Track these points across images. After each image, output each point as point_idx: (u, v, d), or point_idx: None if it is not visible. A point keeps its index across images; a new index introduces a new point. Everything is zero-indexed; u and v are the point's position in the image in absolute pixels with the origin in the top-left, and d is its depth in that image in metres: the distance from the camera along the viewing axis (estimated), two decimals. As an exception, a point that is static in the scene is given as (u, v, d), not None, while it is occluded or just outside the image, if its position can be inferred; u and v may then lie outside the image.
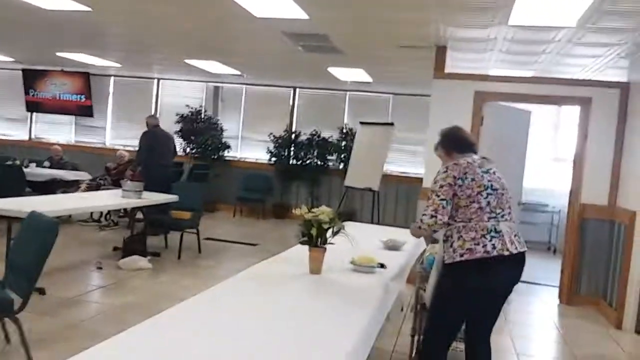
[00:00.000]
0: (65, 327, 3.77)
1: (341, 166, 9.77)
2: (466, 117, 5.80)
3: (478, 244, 2.53)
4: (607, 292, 5.43)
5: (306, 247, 2.85)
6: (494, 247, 2.53)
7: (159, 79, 11.11)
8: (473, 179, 2.60)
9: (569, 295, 5.70)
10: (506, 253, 2.55)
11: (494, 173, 2.70)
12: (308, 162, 10.04)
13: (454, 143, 2.83)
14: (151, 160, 7.19)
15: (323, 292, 2.60)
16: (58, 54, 8.83)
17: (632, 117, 5.33)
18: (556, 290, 5.91)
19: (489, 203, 2.60)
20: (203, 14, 5.35)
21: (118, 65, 9.76)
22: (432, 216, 2.57)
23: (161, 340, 1.77)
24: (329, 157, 10.05)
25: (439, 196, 2.59)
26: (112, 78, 11.26)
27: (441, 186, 2.60)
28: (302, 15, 4.90)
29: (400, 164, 10.10)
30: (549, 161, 9.37)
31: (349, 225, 4.38)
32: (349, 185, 8.51)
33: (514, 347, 4.27)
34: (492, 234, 2.56)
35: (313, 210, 2.84)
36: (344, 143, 9.84)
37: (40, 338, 3.45)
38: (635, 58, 5.40)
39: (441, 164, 2.82)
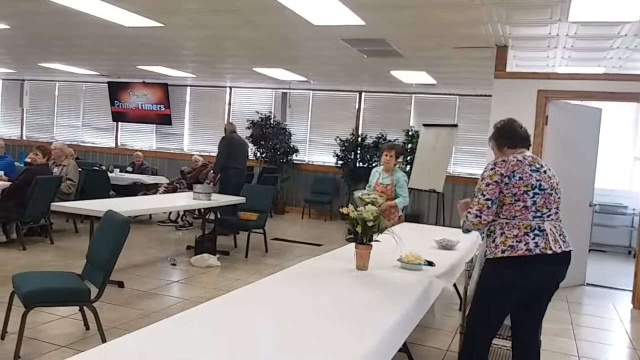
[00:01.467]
0: (140, 316, 4.14)
1: (407, 168, 9.78)
2: (529, 117, 5.67)
3: (520, 242, 2.55)
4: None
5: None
6: (536, 245, 2.54)
7: (230, 87, 11.63)
8: (521, 178, 2.59)
9: (643, 300, 5.43)
10: (549, 252, 2.55)
11: (544, 172, 2.66)
12: (374, 164, 10.12)
13: (506, 137, 2.79)
14: (228, 165, 7.62)
15: (364, 286, 2.73)
16: (138, 66, 9.51)
17: None
18: (631, 295, 5.65)
19: (534, 202, 2.59)
20: (265, 24, 5.62)
21: (193, 75, 10.34)
22: (476, 216, 2.62)
23: (203, 326, 1.96)
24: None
25: (484, 195, 2.61)
26: (188, 88, 11.92)
27: (487, 184, 2.62)
28: (358, 21, 5.04)
29: (466, 165, 9.96)
30: (628, 160, 8.89)
31: (408, 227, 4.48)
32: (413, 187, 8.51)
33: (577, 350, 4.17)
34: (536, 232, 2.56)
35: (358, 209, 2.98)
36: (409, 145, 9.84)
37: (115, 326, 3.81)
38: None
39: (494, 157, 2.81)
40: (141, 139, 12.54)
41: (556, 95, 5.68)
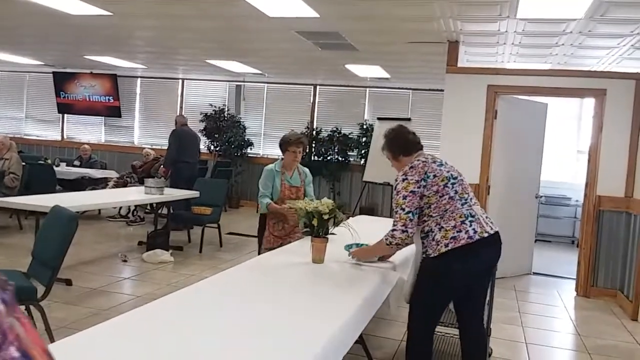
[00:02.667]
0: (89, 315, 4.01)
1: (362, 162, 9.88)
2: (479, 111, 5.84)
3: (460, 231, 2.61)
4: (624, 283, 5.40)
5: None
6: (475, 232, 2.62)
7: (183, 79, 11.40)
8: (435, 175, 2.68)
9: (586, 287, 5.69)
10: (486, 235, 2.64)
11: (446, 164, 2.80)
12: (329, 158, 10.17)
13: (399, 145, 2.86)
14: (179, 158, 7.46)
15: (320, 280, 2.73)
16: (86, 56, 9.17)
17: (648, 108, 5.28)
18: (574, 283, 5.90)
19: (456, 191, 2.69)
20: (219, 15, 5.52)
21: (144, 66, 10.07)
22: (403, 231, 2.67)
23: (157, 322, 1.92)
24: (349, 153, 10.16)
25: (404, 210, 2.66)
26: (138, 79, 11.60)
27: (404, 197, 2.66)
28: (312, 13, 5.03)
29: (420, 159, 10.13)
30: (572, 154, 9.27)
31: (363, 219, 4.50)
32: (368, 180, 8.62)
33: (525, 337, 4.32)
34: (470, 218, 2.65)
35: (314, 201, 2.98)
36: (364, 139, 9.93)
37: (64, 325, 3.68)
38: (651, 48, 5.35)
39: (391, 165, 2.91)
40: (89, 131, 12.13)
41: (505, 90, 5.85)
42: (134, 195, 6.16)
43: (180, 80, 11.43)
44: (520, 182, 6.33)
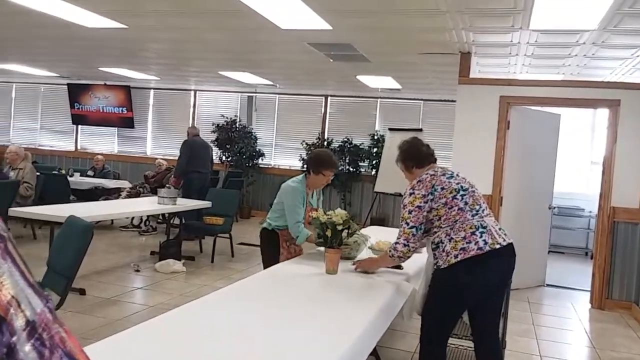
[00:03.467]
0: (102, 325, 4.03)
1: (373, 172, 9.87)
2: (492, 122, 5.82)
3: (470, 242, 2.60)
4: (639, 296, 5.33)
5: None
6: (485, 243, 2.60)
7: (195, 91, 11.50)
8: (442, 188, 2.68)
9: (601, 299, 5.62)
10: (497, 246, 2.61)
11: (457, 176, 2.79)
12: (340, 168, 10.17)
13: (412, 157, 2.88)
14: (190, 168, 7.51)
15: (334, 291, 2.72)
16: (100, 68, 9.29)
17: (663, 119, 5.24)
18: (589, 295, 5.83)
19: (466, 202, 2.68)
20: (232, 27, 5.58)
21: (157, 78, 10.17)
22: (405, 245, 2.70)
23: (171, 332, 1.93)
24: (360, 164, 10.17)
25: (408, 224, 2.68)
26: (151, 91, 11.71)
27: (410, 212, 2.68)
28: (325, 25, 5.06)
29: (431, 170, 10.10)
30: (586, 165, 9.19)
31: (375, 230, 4.50)
32: (379, 191, 8.61)
33: (539, 350, 4.27)
34: (481, 230, 2.63)
35: (328, 213, 2.99)
36: (375, 149, 9.93)
37: (78, 335, 3.67)
38: (665, 58, 5.32)
39: (404, 176, 2.92)
40: (102, 142, 12.25)
41: (517, 101, 5.83)
42: (147, 205, 6.20)
43: (192, 92, 11.52)
44: (533, 193, 6.29)
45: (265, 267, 3.37)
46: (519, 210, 6.01)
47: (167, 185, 6.63)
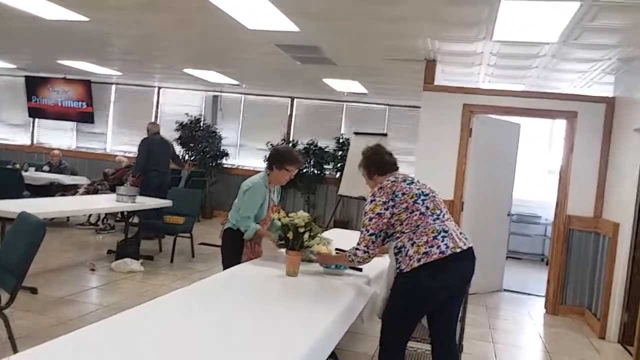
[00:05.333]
0: (54, 324, 3.89)
1: (337, 175, 9.90)
2: (455, 129, 5.92)
3: (432, 246, 2.63)
4: (592, 302, 5.50)
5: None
6: (447, 247, 2.63)
7: (159, 88, 11.29)
8: (403, 193, 2.72)
9: (555, 305, 5.77)
10: (458, 250, 2.66)
11: (417, 182, 2.84)
12: (305, 170, 10.15)
13: (375, 164, 2.92)
14: (149, 167, 7.34)
15: (294, 293, 2.70)
16: (59, 61, 9.01)
17: (617, 132, 5.43)
18: (544, 300, 5.98)
19: (427, 207, 2.72)
20: (198, 25, 5.50)
21: (119, 73, 9.93)
22: (365, 251, 2.74)
23: (125, 333, 1.87)
24: (325, 166, 10.18)
25: (368, 231, 2.72)
26: (113, 86, 11.44)
27: (370, 219, 2.71)
28: (292, 27, 5.04)
29: (395, 174, 10.21)
30: (543, 173, 9.46)
31: (338, 233, 4.49)
32: (343, 194, 8.63)
33: (495, 354, 4.35)
34: (442, 234, 2.66)
35: (290, 215, 2.97)
36: (340, 153, 9.96)
37: (28, 334, 3.56)
38: (620, 74, 5.52)
39: (365, 182, 2.95)
40: (60, 137, 11.88)
41: (480, 109, 5.95)
42: (105, 202, 6.03)
43: (156, 88, 11.31)
44: (493, 199, 6.43)
45: (225, 268, 3.32)
46: (479, 216, 6.12)
47: (125, 184, 6.47)
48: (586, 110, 5.65)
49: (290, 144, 10.37)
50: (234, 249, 3.52)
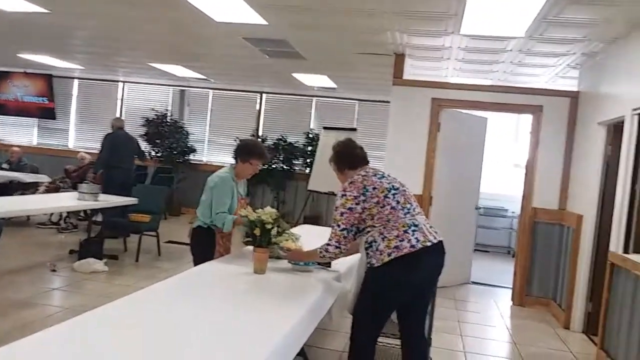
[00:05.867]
0: (13, 328, 3.73)
1: (307, 170, 9.85)
2: (424, 123, 5.94)
3: (403, 240, 2.62)
4: (556, 293, 5.60)
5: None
6: (417, 240, 2.63)
7: (124, 82, 11.02)
8: (374, 188, 2.70)
9: (521, 296, 5.86)
10: (429, 244, 2.65)
11: (388, 176, 2.83)
12: (274, 166, 10.07)
13: (346, 159, 2.91)
14: (112, 163, 7.14)
15: (262, 291, 2.65)
16: (19, 55, 8.69)
17: (580, 125, 5.53)
18: (510, 292, 6.07)
19: (398, 201, 2.71)
20: (163, 17, 5.35)
21: (82, 67, 9.65)
22: (336, 247, 2.73)
23: (87, 335, 1.79)
24: (294, 162, 10.11)
25: (340, 226, 2.70)
26: (75, 80, 11.11)
27: (342, 214, 2.70)
28: (260, 20, 4.96)
29: (365, 169, 10.22)
30: (509, 167, 9.60)
31: (308, 228, 4.45)
32: (313, 190, 8.59)
33: (463, 346, 4.38)
34: (413, 228, 2.66)
35: (257, 211, 2.90)
36: (309, 148, 9.91)
37: (-17, 339, 3.40)
38: (584, 68, 5.62)
39: (336, 177, 2.93)
40: (20, 133, 11.49)
41: (448, 103, 5.98)
42: (66, 201, 5.83)
43: (121, 83, 11.04)
44: (461, 193, 6.48)
45: (195, 264, 3.24)
46: (448, 209, 6.16)
47: (85, 181, 6.28)
48: (551, 104, 5.74)
49: (260, 139, 10.27)
50: (205, 248, 3.45)
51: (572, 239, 5.18)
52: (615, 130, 4.62)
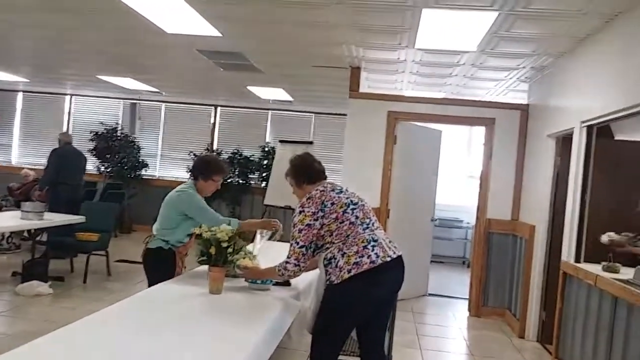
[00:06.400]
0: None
1: (263, 185, 9.72)
2: (380, 136, 5.95)
3: (362, 256, 2.57)
4: (511, 303, 5.68)
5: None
6: (377, 256, 2.58)
7: (71, 95, 10.63)
8: (333, 203, 2.65)
9: (478, 307, 5.92)
10: (388, 259, 2.61)
11: (346, 190, 2.78)
12: (229, 180, 9.89)
13: (304, 173, 2.85)
14: (59, 180, 6.82)
15: (219, 312, 2.53)
16: (-43, 66, 8.25)
17: (531, 137, 5.67)
18: (467, 303, 6.12)
19: (357, 217, 2.66)
20: (110, 28, 5.17)
21: (26, 80, 9.24)
22: (295, 265, 2.66)
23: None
24: (250, 176, 9.98)
25: (298, 243, 2.64)
26: (20, 94, 10.65)
27: (300, 230, 2.64)
28: (214, 32, 4.86)
29: (321, 183, 10.19)
30: (463, 178, 9.77)
31: (264, 245, 4.32)
32: (269, 204, 8.47)
33: (423, 360, 4.37)
34: (372, 243, 2.61)
35: (212, 228, 2.79)
36: (265, 161, 9.80)
37: None
38: (533, 82, 5.78)
39: (292, 192, 2.87)
40: (-41, 149, 10.89)
41: (404, 116, 6.02)
42: (9, 220, 5.50)
43: (68, 96, 10.65)
44: (417, 205, 6.52)
45: (150, 285, 3.07)
46: (405, 221, 6.18)
47: (33, 199, 5.97)
48: (503, 117, 5.86)
49: (215, 153, 10.09)
50: (164, 271, 3.22)
51: (526, 249, 5.28)
52: (565, 142, 4.74)
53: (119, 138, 10.08)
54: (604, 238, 3.92)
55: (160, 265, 3.30)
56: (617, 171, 4.16)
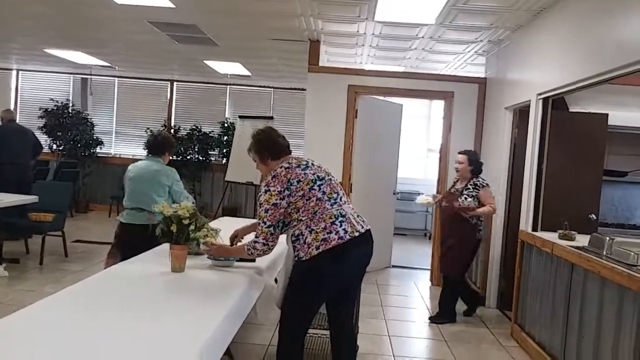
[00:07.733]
0: None
1: (224, 161, 9.59)
2: (341, 111, 5.93)
3: (331, 232, 2.55)
4: (471, 272, 5.82)
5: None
6: (345, 232, 2.57)
7: (18, 70, 10.13)
8: (299, 181, 2.61)
9: (439, 277, 6.03)
10: (357, 234, 2.61)
11: (312, 165, 2.73)
12: (189, 157, 9.72)
13: (268, 148, 2.75)
14: (2, 159, 6.50)
15: (182, 290, 2.49)
16: None
17: (489, 110, 5.76)
18: (429, 273, 6.26)
19: (324, 192, 2.64)
20: (58, -1, 4.92)
21: (-33, 54, 8.75)
22: (264, 244, 2.64)
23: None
24: (210, 152, 9.82)
25: (266, 223, 2.60)
26: (-40, 69, 10.08)
27: (266, 210, 2.59)
28: (166, 3, 4.68)
29: (282, 158, 10.13)
30: (423, 152, 9.90)
31: (227, 220, 4.29)
32: (231, 180, 8.39)
33: (388, 330, 4.44)
34: (340, 218, 2.60)
35: (173, 205, 2.72)
36: (225, 137, 9.65)
37: None
38: (490, 55, 5.84)
39: (256, 167, 2.82)
40: None
41: (364, 90, 6.00)
42: (-45, 202, 5.25)
43: (14, 71, 10.14)
44: (379, 179, 6.57)
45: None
46: (368, 196, 6.22)
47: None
48: (462, 90, 5.92)
49: (172, 130, 9.86)
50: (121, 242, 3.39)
51: (485, 219, 5.39)
52: (522, 114, 4.83)
53: (70, 115, 9.71)
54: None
55: (143, 244, 3.25)
56: (572, 141, 4.28)
